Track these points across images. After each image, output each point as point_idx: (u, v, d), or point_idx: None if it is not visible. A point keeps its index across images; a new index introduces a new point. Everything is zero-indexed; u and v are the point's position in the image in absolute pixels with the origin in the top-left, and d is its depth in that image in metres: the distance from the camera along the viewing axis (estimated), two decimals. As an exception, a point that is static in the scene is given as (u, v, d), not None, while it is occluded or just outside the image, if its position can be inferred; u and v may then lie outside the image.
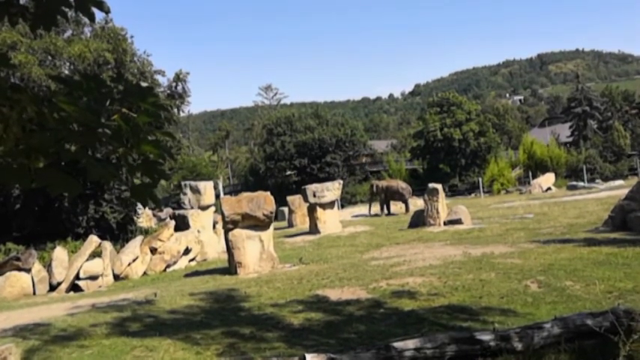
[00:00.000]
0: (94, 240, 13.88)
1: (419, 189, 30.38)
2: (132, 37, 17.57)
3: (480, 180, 40.52)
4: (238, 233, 12.42)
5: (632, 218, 12.67)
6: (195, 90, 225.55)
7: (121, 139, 2.17)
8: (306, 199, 20.54)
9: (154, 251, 15.14)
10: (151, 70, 17.93)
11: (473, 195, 40.45)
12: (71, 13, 2.66)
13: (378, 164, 54.63)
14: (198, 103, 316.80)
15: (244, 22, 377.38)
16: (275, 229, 15.22)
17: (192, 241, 16.07)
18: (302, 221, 24.17)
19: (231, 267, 12.65)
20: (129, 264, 14.44)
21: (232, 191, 47.97)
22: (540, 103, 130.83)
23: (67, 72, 15.82)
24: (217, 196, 19.98)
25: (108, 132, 2.16)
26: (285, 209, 27.66)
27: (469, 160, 47.22)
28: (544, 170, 40.81)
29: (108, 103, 2.20)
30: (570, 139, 54.81)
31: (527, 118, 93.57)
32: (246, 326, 7.10)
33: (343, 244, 16.27)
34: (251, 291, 9.49)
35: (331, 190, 20.50)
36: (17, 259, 12.68)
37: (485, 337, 5.06)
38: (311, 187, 20.44)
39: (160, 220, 21.04)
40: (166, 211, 23.03)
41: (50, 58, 15.88)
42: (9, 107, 2.08)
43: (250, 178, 55.54)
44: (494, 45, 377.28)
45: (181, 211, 17.44)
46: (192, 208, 17.31)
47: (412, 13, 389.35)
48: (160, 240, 15.29)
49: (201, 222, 17.21)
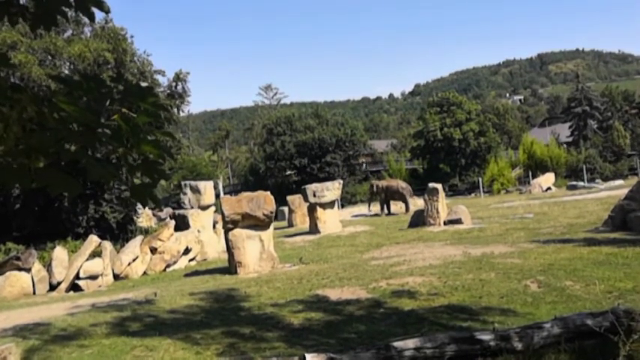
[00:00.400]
0: (94, 240, 13.88)
1: (419, 189, 30.39)
2: (132, 37, 17.64)
3: (480, 180, 40.54)
4: (238, 233, 12.42)
5: (632, 218, 12.67)
6: (195, 90, 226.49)
7: (121, 139, 2.17)
8: (306, 199, 20.56)
9: (153, 251, 15.15)
10: (150, 70, 17.95)
11: (473, 195, 40.46)
12: (71, 13, 2.66)
13: (378, 164, 54.69)
14: (198, 102, 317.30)
15: (244, 22, 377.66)
16: (275, 229, 15.22)
17: (192, 241, 16.08)
18: (302, 221, 24.19)
19: (231, 267, 12.66)
20: (129, 264, 14.45)
21: (232, 191, 47.93)
22: (540, 103, 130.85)
23: (67, 72, 15.83)
24: (217, 195, 19.98)
25: (108, 132, 2.16)
26: (285, 209, 27.67)
27: (469, 159, 47.24)
28: (544, 170, 40.82)
29: (108, 103, 2.20)
30: (570, 139, 54.79)
31: (527, 118, 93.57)
32: (246, 326, 7.10)
33: (343, 244, 16.28)
34: (251, 291, 9.49)
35: (331, 189, 20.52)
36: (17, 259, 12.68)
37: (485, 336, 5.06)
38: (311, 187, 20.45)
39: (160, 219, 21.03)
40: (166, 210, 23.03)
41: (50, 57, 15.89)
42: (9, 107, 2.08)
43: (250, 177, 55.53)
44: (494, 45, 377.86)
45: (181, 211, 17.46)
46: (192, 207, 17.32)
47: (412, 13, 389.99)
48: (160, 240, 15.30)
49: (201, 222, 17.22)
